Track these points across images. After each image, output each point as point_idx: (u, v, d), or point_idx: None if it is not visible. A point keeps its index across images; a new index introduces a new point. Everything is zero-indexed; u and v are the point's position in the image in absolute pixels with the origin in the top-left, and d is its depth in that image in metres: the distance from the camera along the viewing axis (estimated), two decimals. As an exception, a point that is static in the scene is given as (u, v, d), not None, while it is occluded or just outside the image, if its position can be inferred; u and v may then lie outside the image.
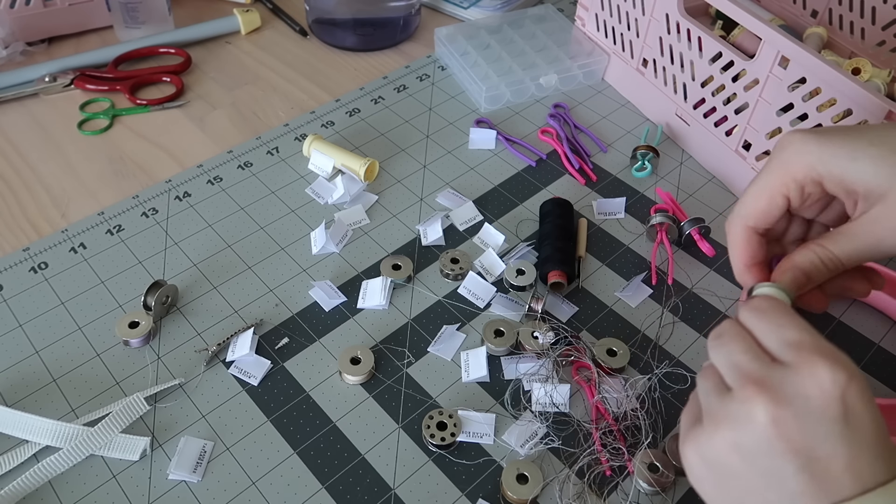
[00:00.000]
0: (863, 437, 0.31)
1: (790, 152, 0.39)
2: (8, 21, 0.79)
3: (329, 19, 0.85)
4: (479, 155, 0.72)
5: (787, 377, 0.32)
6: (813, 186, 0.39)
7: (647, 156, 0.69)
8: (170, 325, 0.56)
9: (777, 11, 0.84)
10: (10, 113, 0.75)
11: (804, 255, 0.39)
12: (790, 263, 0.39)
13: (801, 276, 0.38)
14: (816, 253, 0.38)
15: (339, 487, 0.48)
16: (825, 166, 0.37)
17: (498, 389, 0.53)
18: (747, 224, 0.41)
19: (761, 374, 0.32)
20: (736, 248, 0.41)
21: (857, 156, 0.37)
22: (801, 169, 0.38)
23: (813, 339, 0.33)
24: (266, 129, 0.75)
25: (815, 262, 0.38)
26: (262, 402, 0.52)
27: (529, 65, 0.78)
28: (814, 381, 0.31)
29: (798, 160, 0.38)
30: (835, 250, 0.38)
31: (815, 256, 0.38)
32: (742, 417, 0.32)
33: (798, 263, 0.39)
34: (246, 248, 0.62)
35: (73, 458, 0.48)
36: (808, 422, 0.31)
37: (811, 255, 0.38)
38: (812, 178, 0.38)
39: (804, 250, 0.39)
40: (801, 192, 0.39)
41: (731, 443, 0.32)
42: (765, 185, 0.40)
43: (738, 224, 0.41)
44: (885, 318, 0.59)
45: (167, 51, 0.83)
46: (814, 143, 0.38)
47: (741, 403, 0.32)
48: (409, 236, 0.64)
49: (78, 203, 0.66)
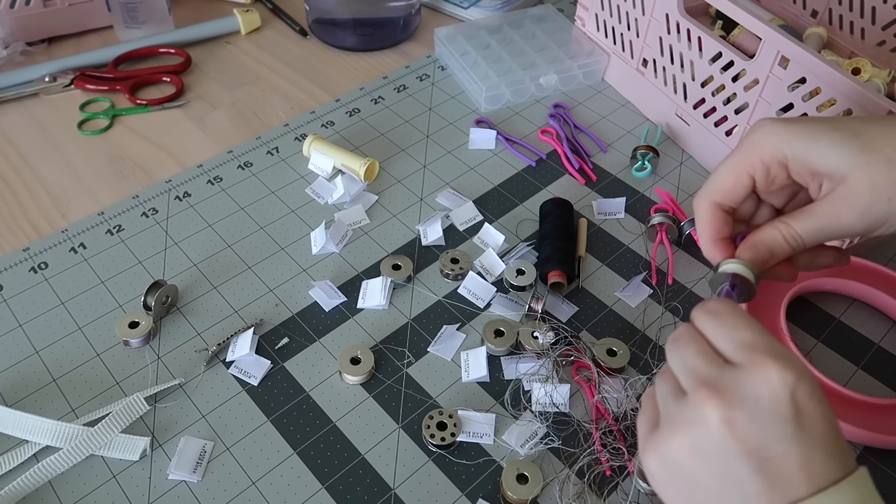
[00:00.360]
0: (814, 437, 0.31)
1: (759, 135, 0.40)
2: (8, 21, 0.79)
3: (329, 19, 0.85)
4: (479, 155, 0.72)
5: (739, 378, 0.33)
6: (778, 168, 0.40)
7: (647, 156, 0.69)
8: (170, 325, 0.56)
9: (777, 11, 0.84)
10: (10, 113, 0.75)
11: (768, 231, 0.40)
12: (754, 239, 0.41)
13: (764, 252, 0.40)
14: (780, 230, 0.40)
15: (339, 487, 0.48)
16: (790, 147, 0.39)
17: (498, 389, 0.53)
18: (713, 200, 0.42)
19: (714, 376, 0.33)
20: (702, 223, 0.43)
21: (818, 138, 0.38)
22: (768, 150, 0.40)
23: (765, 340, 0.34)
24: (266, 129, 0.75)
25: (777, 239, 0.40)
26: (262, 402, 0.52)
27: (529, 65, 0.78)
28: (764, 382, 0.32)
29: (765, 142, 0.40)
30: (797, 227, 0.40)
31: (778, 233, 0.40)
32: (696, 420, 0.33)
33: (762, 239, 0.40)
34: (246, 248, 0.62)
35: (73, 458, 0.48)
36: (760, 422, 0.31)
37: (774, 232, 0.40)
38: (777, 159, 0.40)
39: (768, 227, 0.41)
40: (767, 173, 0.41)
41: (688, 446, 0.33)
42: (732, 164, 0.41)
43: (705, 200, 0.42)
44: (885, 318, 0.59)
45: (167, 51, 0.83)
46: (781, 127, 0.40)
47: (695, 407, 0.33)
48: (409, 236, 0.64)
49: (78, 203, 0.66)
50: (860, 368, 0.55)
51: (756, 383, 0.32)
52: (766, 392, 0.32)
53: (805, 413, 0.31)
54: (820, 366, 0.55)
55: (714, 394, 0.32)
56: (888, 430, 0.49)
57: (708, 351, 0.35)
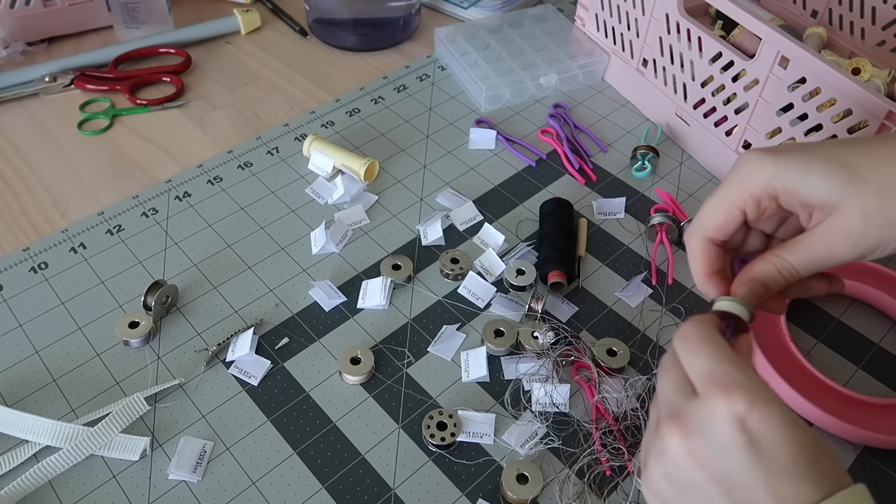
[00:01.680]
0: (776, 462, 0.31)
1: (747, 169, 0.40)
2: (8, 21, 0.79)
3: (329, 19, 0.85)
4: (479, 155, 0.72)
5: (697, 409, 0.34)
6: (768, 201, 0.40)
7: (647, 156, 0.69)
8: (170, 325, 0.56)
9: (777, 11, 0.84)
10: (10, 113, 0.75)
11: (761, 266, 0.40)
12: (748, 275, 0.41)
13: (758, 287, 0.40)
14: (773, 263, 0.40)
15: (339, 487, 0.48)
16: (780, 181, 0.39)
17: (498, 389, 0.53)
18: (706, 235, 0.42)
19: (678, 408, 0.34)
20: (695, 259, 0.43)
21: (808, 170, 0.38)
22: (758, 184, 0.40)
23: (722, 367, 0.34)
24: (266, 129, 0.75)
25: (771, 273, 0.40)
26: (262, 402, 0.52)
27: (529, 65, 0.78)
28: (713, 413, 0.33)
29: (754, 176, 0.40)
30: (791, 260, 0.40)
31: (772, 267, 0.40)
32: (665, 452, 0.34)
33: (755, 274, 0.40)
34: (246, 248, 0.62)
35: (73, 458, 0.48)
36: (718, 451, 0.32)
37: (768, 266, 0.40)
38: (768, 192, 0.40)
39: (761, 261, 0.41)
40: (758, 206, 0.41)
41: (664, 476, 0.35)
42: (722, 199, 0.41)
43: (697, 235, 0.43)
44: (885, 318, 0.59)
45: (167, 51, 0.83)
46: (769, 160, 0.40)
47: (661, 438, 0.34)
48: (409, 236, 0.64)
49: (78, 203, 0.66)
50: (860, 368, 0.55)
51: (707, 414, 0.33)
52: (716, 423, 0.32)
53: (762, 439, 0.32)
54: (820, 366, 0.55)
55: (676, 426, 0.34)
56: (888, 430, 0.49)
57: (679, 380, 0.36)
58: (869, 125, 0.55)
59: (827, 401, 0.50)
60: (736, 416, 0.32)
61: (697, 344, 0.36)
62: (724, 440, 0.32)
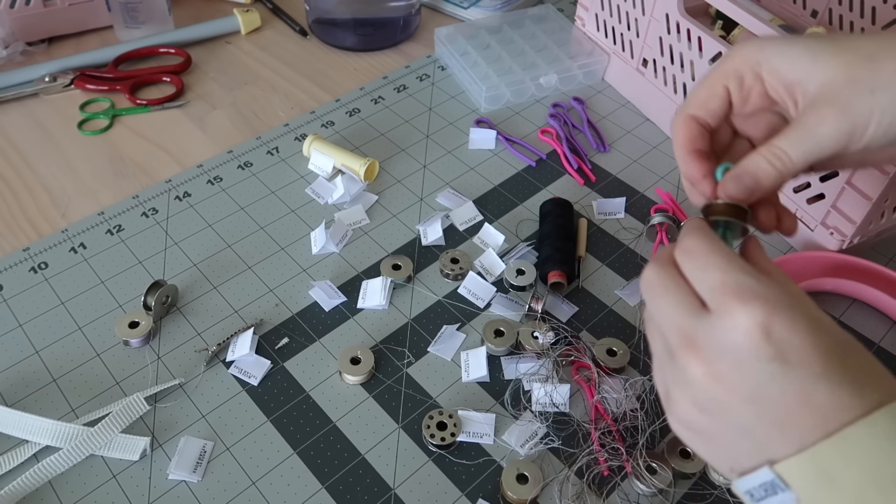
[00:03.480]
0: (810, 369, 0.29)
1: (733, 50, 0.39)
2: (8, 21, 0.79)
3: (329, 19, 0.85)
4: (479, 155, 0.72)
5: (714, 328, 0.31)
6: (752, 79, 0.38)
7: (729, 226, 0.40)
8: (170, 325, 0.56)
9: (777, 11, 0.84)
10: (10, 113, 0.75)
11: (751, 158, 0.37)
12: (737, 170, 0.38)
13: (749, 182, 0.37)
14: (762, 154, 0.37)
15: (339, 487, 0.48)
16: (763, 54, 0.37)
17: (498, 389, 0.53)
18: (688, 112, 0.40)
19: (691, 331, 0.32)
20: (676, 136, 0.40)
21: (792, 45, 0.37)
22: (741, 58, 0.38)
23: (734, 276, 0.31)
24: (266, 129, 0.75)
25: (761, 164, 0.37)
26: (262, 402, 0.52)
27: (529, 65, 0.78)
28: (734, 328, 0.30)
29: (738, 53, 0.39)
30: (782, 145, 0.36)
31: (761, 158, 0.37)
32: (689, 382, 0.32)
33: (745, 168, 0.37)
34: (246, 248, 0.62)
35: (73, 458, 0.48)
36: (745, 369, 0.30)
37: (757, 158, 0.37)
38: (750, 66, 0.38)
39: (752, 154, 0.37)
40: (741, 83, 0.39)
41: (692, 404, 0.32)
42: (706, 77, 0.40)
43: (680, 113, 0.40)
44: (885, 318, 0.59)
45: (167, 51, 0.83)
46: (756, 39, 0.39)
47: (682, 370, 0.32)
48: (409, 236, 0.64)
49: (78, 203, 0.66)
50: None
51: (728, 330, 0.30)
52: (739, 337, 0.30)
53: (788, 347, 0.29)
54: (820, 366, 0.54)
55: (695, 352, 0.31)
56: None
57: (684, 299, 0.33)
58: (869, 125, 0.54)
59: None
60: (757, 326, 0.29)
61: (704, 256, 0.33)
62: (748, 355, 0.30)
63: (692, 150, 0.39)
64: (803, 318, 0.30)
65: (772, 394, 0.30)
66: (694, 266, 0.33)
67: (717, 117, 0.40)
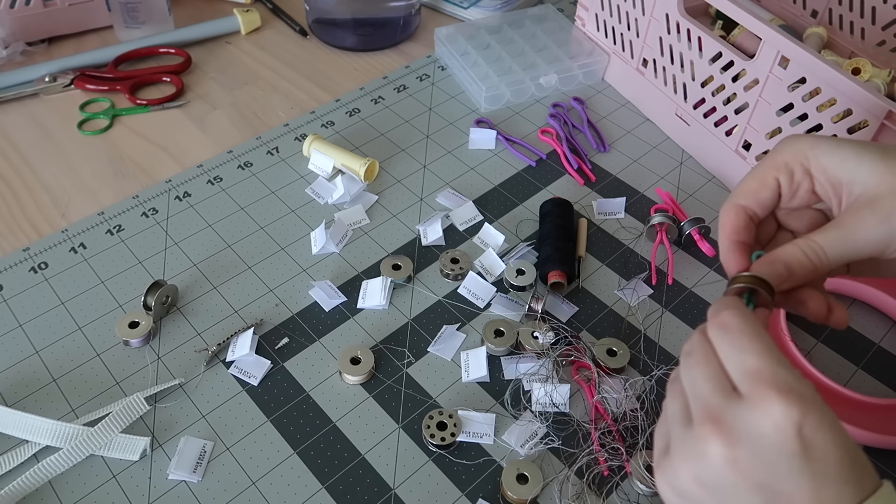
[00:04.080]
0: (826, 468, 0.30)
1: (785, 143, 0.40)
2: (8, 21, 0.79)
3: (329, 19, 0.85)
4: (479, 155, 0.72)
5: (742, 414, 0.32)
6: (801, 174, 0.39)
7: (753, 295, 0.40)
8: (170, 325, 0.56)
9: (777, 11, 0.84)
10: (10, 113, 0.75)
11: (787, 247, 0.39)
12: (772, 255, 0.39)
13: (781, 268, 0.38)
14: (799, 245, 0.38)
15: (339, 487, 0.48)
16: (813, 151, 0.39)
17: (498, 389, 0.53)
18: (737, 202, 0.41)
19: (718, 409, 0.32)
20: (724, 224, 0.41)
21: (841, 145, 0.38)
22: (791, 153, 0.39)
23: (771, 366, 0.32)
24: (266, 129, 0.75)
25: (796, 254, 0.38)
26: (262, 402, 0.52)
27: (529, 65, 0.78)
28: (768, 418, 0.31)
29: (790, 147, 0.40)
30: (819, 240, 0.38)
31: (798, 249, 0.38)
32: (701, 455, 0.32)
33: (778, 255, 0.38)
34: (246, 248, 0.62)
35: (73, 458, 0.48)
36: (766, 459, 0.31)
37: (793, 248, 0.38)
38: (800, 161, 0.39)
39: (788, 244, 0.39)
40: (791, 178, 0.40)
41: (694, 477, 0.33)
42: (758, 168, 0.41)
43: (729, 202, 0.41)
44: (885, 318, 0.59)
45: (167, 51, 0.83)
46: (808, 136, 0.40)
47: (698, 441, 0.32)
48: (409, 236, 0.64)
49: (78, 203, 0.66)
50: (860, 368, 0.55)
51: (760, 419, 0.31)
52: (770, 429, 0.31)
53: (814, 447, 0.30)
54: (820, 366, 0.54)
55: (718, 430, 0.32)
56: (888, 430, 0.49)
57: (716, 375, 0.33)
58: (869, 125, 0.55)
59: (827, 401, 0.50)
60: (793, 422, 0.30)
61: (741, 337, 0.33)
62: (774, 447, 0.30)
63: (736, 241, 0.40)
64: (829, 417, 0.31)
65: (784, 486, 0.30)
66: (730, 343, 0.34)
67: (765, 208, 0.41)
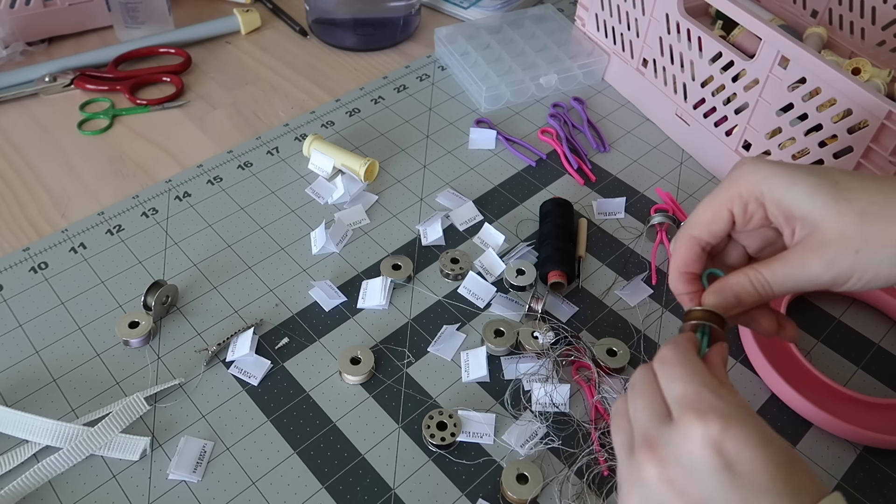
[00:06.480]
0: (754, 482, 0.31)
1: (740, 172, 0.41)
2: (8, 21, 0.79)
3: (329, 19, 0.85)
4: (479, 155, 0.72)
5: (671, 437, 0.34)
6: (755, 206, 0.40)
7: None
8: (170, 325, 0.56)
9: (777, 11, 0.84)
10: (10, 113, 0.75)
11: (735, 277, 0.40)
12: (721, 284, 0.41)
13: (730, 297, 0.40)
14: (747, 275, 0.40)
15: (339, 487, 0.48)
16: (767, 185, 0.39)
17: (498, 389, 0.53)
18: (691, 233, 0.42)
19: (654, 434, 0.34)
20: (676, 256, 0.43)
21: (796, 181, 0.38)
22: (746, 186, 0.40)
23: (695, 390, 0.34)
24: (266, 129, 0.75)
25: (744, 284, 0.40)
26: (262, 402, 0.52)
27: (529, 65, 0.78)
28: (689, 438, 0.33)
29: (745, 179, 0.40)
30: (765, 273, 0.39)
31: (746, 279, 0.40)
32: (642, 481, 0.34)
33: (728, 284, 0.40)
34: (246, 248, 0.62)
35: (73, 458, 0.48)
36: (696, 477, 0.32)
37: (742, 278, 0.40)
38: (755, 195, 0.40)
39: (736, 273, 0.40)
40: (745, 209, 0.40)
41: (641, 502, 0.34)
42: (713, 198, 0.42)
43: (683, 233, 0.43)
44: (885, 318, 0.59)
45: (167, 51, 0.83)
46: (763, 164, 0.40)
47: (637, 467, 0.34)
48: (409, 236, 0.64)
49: (78, 203, 0.66)
50: (860, 368, 0.55)
51: (683, 440, 0.33)
52: (693, 448, 0.32)
53: (738, 461, 0.32)
54: (820, 366, 0.55)
55: (651, 454, 0.34)
56: (888, 430, 0.49)
57: (654, 404, 0.35)
58: (869, 125, 0.55)
59: (827, 401, 0.50)
60: (711, 440, 0.32)
61: (672, 366, 0.36)
62: (700, 465, 0.32)
63: (685, 272, 0.42)
64: (755, 432, 0.32)
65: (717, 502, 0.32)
66: (664, 375, 0.36)
67: (718, 238, 0.42)
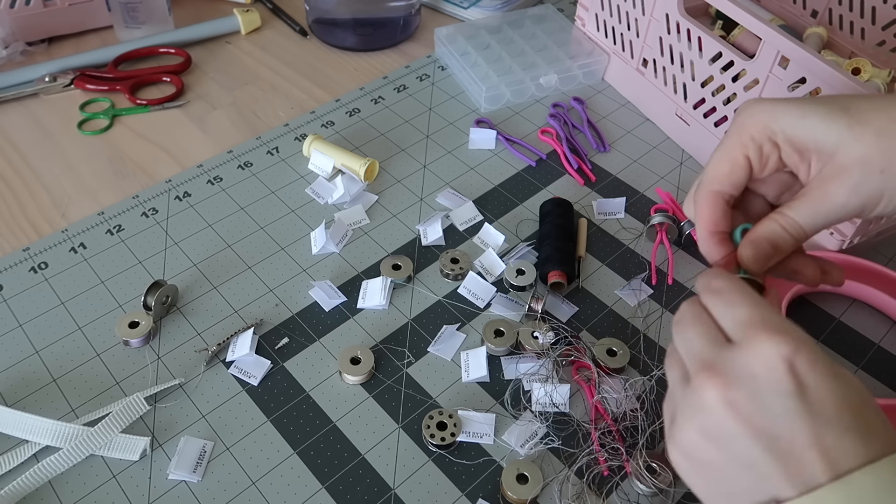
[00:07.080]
0: (823, 411, 0.30)
1: (745, 115, 0.39)
2: (8, 21, 0.79)
3: (329, 19, 0.85)
4: (479, 155, 0.72)
5: (736, 357, 0.32)
6: (770, 147, 0.39)
7: None
8: (170, 325, 0.56)
9: (777, 11, 0.84)
10: (10, 113, 0.75)
11: (765, 225, 0.39)
12: (753, 235, 0.39)
13: (766, 247, 0.38)
14: (776, 220, 0.38)
15: (339, 487, 0.48)
16: (777, 124, 0.38)
17: (498, 389, 0.53)
18: (712, 189, 0.40)
19: (712, 358, 0.32)
20: (701, 215, 0.41)
21: (806, 113, 0.37)
22: (756, 128, 0.39)
23: (762, 314, 0.32)
24: (266, 129, 0.75)
25: (776, 231, 0.38)
26: (262, 402, 0.52)
27: (529, 65, 0.78)
28: (759, 357, 0.31)
29: (753, 120, 0.39)
30: (792, 214, 0.38)
31: (776, 224, 0.38)
32: (701, 406, 0.32)
33: (761, 234, 0.38)
34: (246, 248, 0.62)
35: (73, 458, 0.48)
36: (761, 400, 0.30)
37: (772, 224, 0.38)
38: (767, 135, 0.38)
39: (766, 221, 0.39)
40: (760, 152, 0.39)
41: (698, 432, 0.32)
42: (725, 148, 0.40)
43: (704, 190, 0.41)
44: (885, 318, 0.59)
45: (167, 51, 0.83)
46: (768, 104, 0.39)
47: (695, 392, 0.32)
48: (409, 236, 0.64)
49: (78, 203, 0.66)
50: (860, 368, 0.55)
51: (752, 359, 0.31)
52: (762, 367, 0.30)
53: (808, 385, 0.30)
54: (820, 366, 0.54)
55: (712, 376, 0.32)
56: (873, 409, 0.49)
57: (709, 331, 0.34)
58: (869, 125, 0.54)
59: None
60: (784, 359, 0.30)
61: (731, 294, 0.34)
62: (769, 386, 0.30)
63: (715, 233, 0.40)
64: (825, 361, 0.31)
65: (783, 429, 0.30)
66: (721, 303, 0.34)
67: (740, 188, 0.40)
